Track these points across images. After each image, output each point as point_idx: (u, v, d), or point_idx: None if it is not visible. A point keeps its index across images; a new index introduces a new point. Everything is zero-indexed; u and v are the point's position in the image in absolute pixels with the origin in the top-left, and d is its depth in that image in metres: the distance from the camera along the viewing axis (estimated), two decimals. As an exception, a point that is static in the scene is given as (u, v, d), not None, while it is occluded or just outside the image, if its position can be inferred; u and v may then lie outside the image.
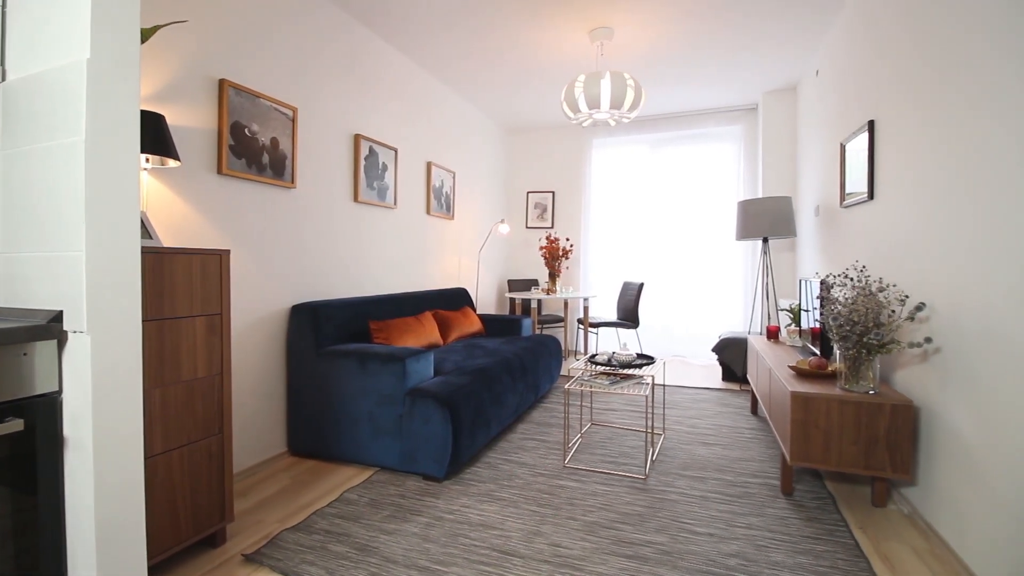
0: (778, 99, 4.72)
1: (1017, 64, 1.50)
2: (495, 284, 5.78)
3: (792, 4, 3.10)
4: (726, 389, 4.12)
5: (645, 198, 5.57)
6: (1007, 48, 1.55)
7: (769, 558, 1.75)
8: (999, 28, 1.59)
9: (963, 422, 1.75)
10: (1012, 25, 1.52)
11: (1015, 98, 1.51)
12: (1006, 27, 1.55)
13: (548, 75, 4.25)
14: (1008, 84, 1.54)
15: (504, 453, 2.70)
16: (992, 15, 1.63)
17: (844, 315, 2.10)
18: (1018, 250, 1.48)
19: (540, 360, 3.50)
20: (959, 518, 1.75)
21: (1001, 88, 1.58)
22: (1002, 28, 1.58)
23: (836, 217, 3.29)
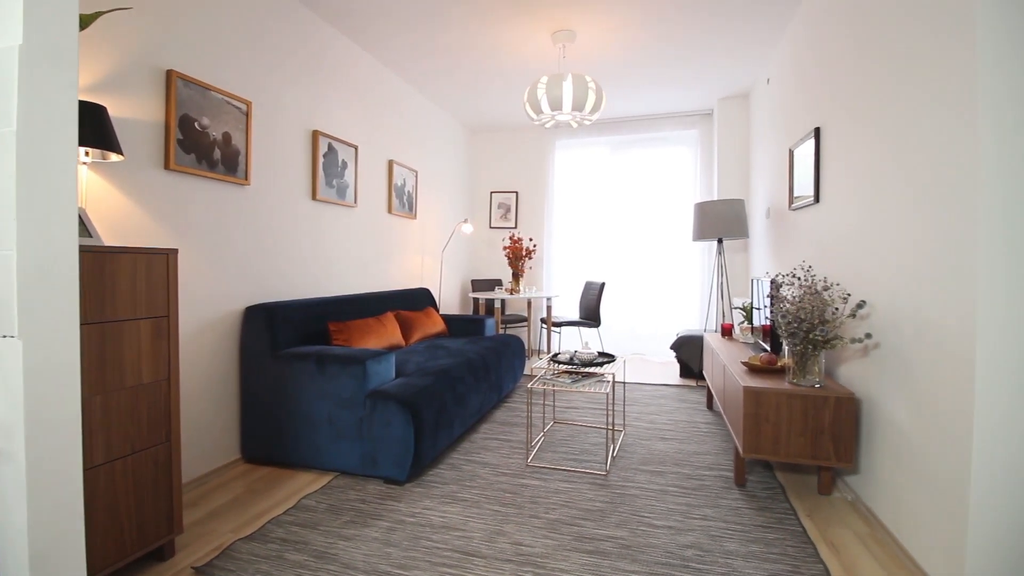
0: (732, 105, 4.90)
1: (947, 79, 1.61)
2: (458, 284, 5.76)
3: (745, 15, 3.23)
4: (683, 385, 4.25)
5: (606, 199, 5.67)
6: (941, 64, 1.66)
7: (723, 548, 1.82)
8: (934, 45, 1.71)
9: (900, 412, 1.86)
10: (944, 42, 1.64)
11: (945, 111, 1.62)
12: (940, 44, 1.67)
13: (511, 75, 4.26)
14: (939, 98, 1.65)
15: (467, 454, 2.69)
16: (925, 33, 1.75)
17: (792, 313, 2.21)
18: (944, 254, 1.59)
19: (503, 360, 3.51)
20: (897, 503, 1.86)
21: (932, 101, 1.69)
22: (936, 45, 1.69)
23: (785, 219, 3.45)
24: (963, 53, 1.52)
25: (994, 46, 1.42)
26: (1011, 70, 1.40)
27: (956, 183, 1.55)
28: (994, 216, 1.42)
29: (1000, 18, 1.41)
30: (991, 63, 1.42)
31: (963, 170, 1.52)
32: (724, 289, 4.54)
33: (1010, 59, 1.40)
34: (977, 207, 1.45)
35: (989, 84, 1.42)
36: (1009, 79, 1.40)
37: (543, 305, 5.64)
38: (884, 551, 1.82)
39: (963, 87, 1.52)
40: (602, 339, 5.49)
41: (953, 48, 1.57)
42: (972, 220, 1.47)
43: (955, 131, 1.56)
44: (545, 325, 5.18)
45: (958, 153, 1.54)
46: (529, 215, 5.96)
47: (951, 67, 1.58)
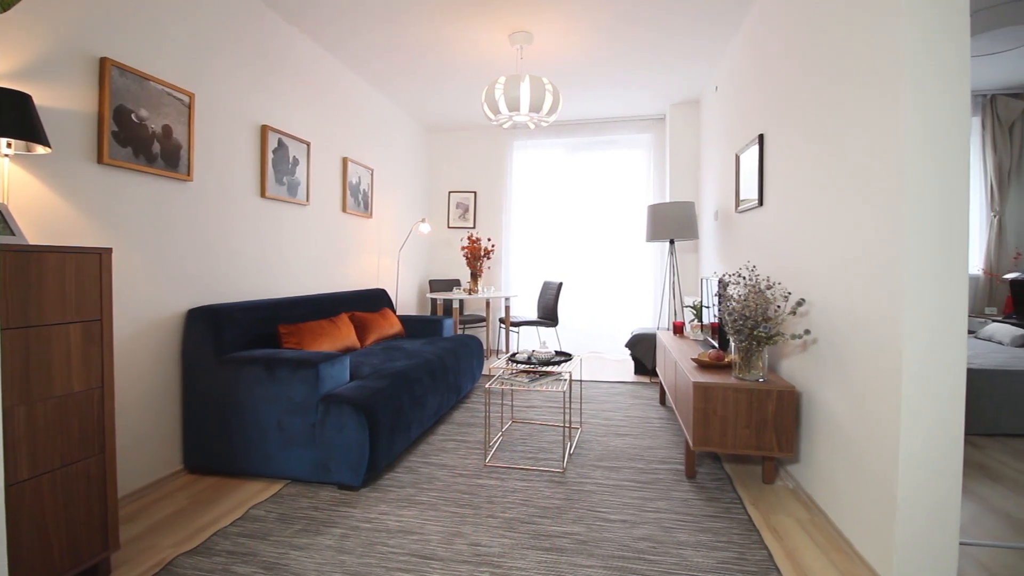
0: (683, 111, 5.07)
1: (875, 93, 1.73)
2: (416, 284, 5.69)
3: (695, 25, 3.35)
4: (638, 382, 4.36)
5: (564, 200, 5.75)
6: (870, 79, 1.78)
7: (675, 538, 1.88)
8: (864, 60, 1.82)
9: (836, 403, 1.98)
10: (873, 58, 1.75)
11: (873, 121, 1.74)
12: (869, 60, 1.79)
13: (469, 75, 4.25)
14: (868, 109, 1.77)
15: (424, 456, 2.66)
16: (857, 49, 1.86)
17: (738, 311, 2.31)
18: (873, 254, 1.71)
19: (462, 360, 3.49)
20: (833, 489, 1.98)
21: (862, 112, 1.81)
22: (866, 60, 1.81)
23: (732, 221, 3.60)
24: (890, 70, 1.63)
25: (919, 64, 1.53)
26: (933, 89, 1.52)
27: (884, 188, 1.66)
28: (917, 220, 1.54)
29: (924, 38, 1.53)
30: (916, 80, 1.53)
31: (890, 176, 1.63)
32: (676, 288, 4.70)
33: (932, 78, 1.52)
34: (903, 212, 1.56)
35: (913, 100, 1.54)
36: (931, 97, 1.52)
37: (501, 305, 5.65)
38: (823, 535, 1.93)
39: (890, 102, 1.63)
40: (560, 338, 5.56)
41: (881, 65, 1.69)
42: (899, 223, 1.58)
43: (882, 140, 1.67)
44: (504, 325, 5.20)
45: (886, 160, 1.66)
46: (488, 215, 5.96)
47: (879, 82, 1.70)
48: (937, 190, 1.52)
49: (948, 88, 1.51)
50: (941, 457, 1.53)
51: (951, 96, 1.51)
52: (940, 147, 1.52)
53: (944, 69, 1.51)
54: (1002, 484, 2.34)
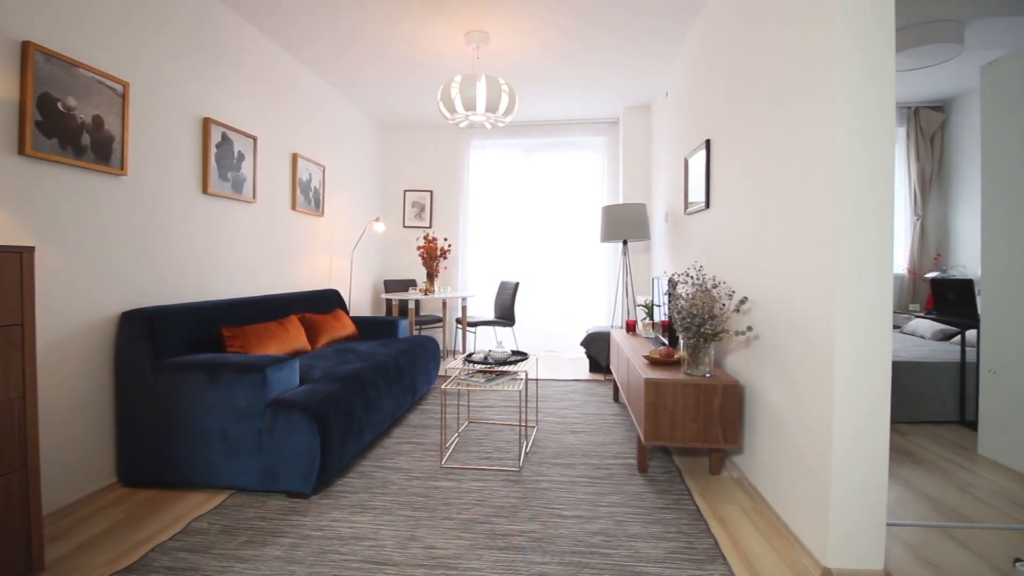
0: (636, 115, 5.20)
1: (809, 105, 1.83)
2: (370, 285, 5.57)
3: (648, 30, 3.44)
4: (592, 380, 4.44)
5: (520, 200, 5.79)
6: (805, 93, 1.88)
7: (627, 531, 1.93)
8: (801, 72, 1.93)
9: (776, 396, 2.09)
10: (808, 70, 1.86)
11: (809, 130, 1.84)
12: (805, 72, 1.89)
13: (425, 73, 4.20)
14: (804, 120, 1.88)
15: (379, 460, 2.61)
16: (794, 62, 1.97)
17: (686, 309, 2.39)
18: (810, 255, 1.81)
19: (417, 362, 3.45)
20: (774, 477, 2.09)
21: (799, 122, 1.92)
22: (803, 72, 1.91)
23: (681, 223, 3.72)
24: (824, 83, 1.74)
25: (849, 79, 1.63)
26: (862, 101, 1.63)
27: (819, 193, 1.77)
28: (847, 223, 1.64)
29: (854, 54, 1.63)
30: (846, 93, 1.64)
31: (824, 182, 1.73)
32: (629, 287, 4.81)
33: (861, 91, 1.62)
34: (835, 215, 1.66)
35: (843, 111, 1.64)
36: (860, 108, 1.63)
37: (458, 305, 5.63)
38: (765, 522, 2.03)
39: (824, 112, 1.74)
40: (516, 338, 5.59)
41: (817, 78, 1.79)
42: (832, 226, 1.68)
43: (818, 148, 1.78)
44: (460, 325, 5.18)
45: (820, 167, 1.76)
46: (444, 214, 5.91)
47: (815, 94, 1.80)
48: (865, 196, 1.63)
49: (875, 100, 1.62)
50: (870, 444, 1.65)
51: (878, 108, 1.62)
52: (868, 155, 1.63)
53: (871, 82, 1.62)
54: (924, 468, 2.53)
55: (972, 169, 4.52)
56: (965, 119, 4.64)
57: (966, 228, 4.60)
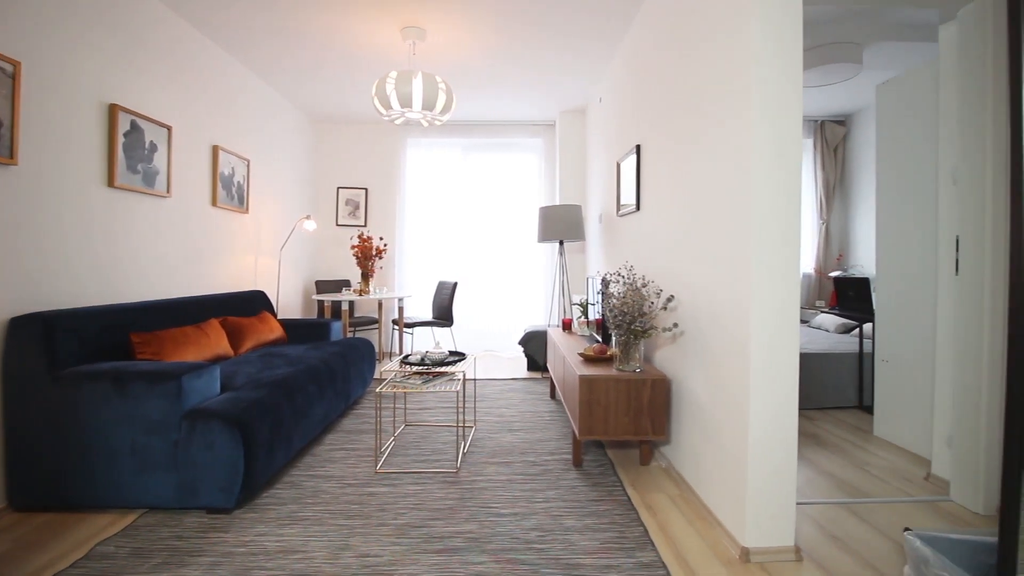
0: (572, 118, 5.32)
1: (727, 116, 1.95)
2: (301, 286, 5.33)
3: (583, 36, 3.53)
4: (530, 378, 4.50)
5: (459, 200, 5.76)
6: (727, 100, 2.00)
7: (563, 525, 1.97)
8: (722, 84, 2.05)
9: (699, 389, 2.21)
10: (728, 82, 1.98)
11: (728, 140, 1.96)
12: (726, 84, 2.01)
13: (360, 67, 4.08)
14: (722, 131, 2.00)
15: (310, 468, 2.51)
16: (715, 75, 2.09)
17: (617, 307, 2.48)
18: (728, 255, 1.93)
19: (351, 365, 3.34)
20: (698, 466, 2.21)
21: (718, 132, 2.04)
22: (723, 84, 2.03)
23: (614, 224, 3.85)
24: (742, 96, 1.86)
25: (763, 93, 1.76)
26: (774, 114, 1.75)
27: (736, 198, 1.89)
28: (760, 226, 1.76)
29: (767, 70, 1.75)
30: (761, 106, 1.76)
31: (741, 188, 1.85)
32: (565, 287, 4.92)
33: (774, 104, 1.75)
34: (750, 220, 1.78)
35: (758, 122, 1.76)
36: (772, 121, 1.75)
37: (395, 306, 5.50)
38: (690, 508, 2.14)
39: (742, 123, 1.86)
40: (455, 338, 5.55)
41: (736, 90, 1.91)
42: (748, 229, 1.80)
43: (736, 156, 1.90)
44: (397, 326, 5.07)
45: (738, 173, 1.88)
46: (380, 213, 5.76)
47: (734, 105, 1.92)
48: (776, 202, 1.76)
49: (785, 114, 1.75)
50: (781, 430, 1.78)
51: (788, 121, 1.75)
52: (779, 164, 1.76)
53: (782, 98, 1.75)
54: (828, 449, 2.77)
55: (869, 178, 5.00)
56: (863, 133, 5.14)
57: (864, 231, 5.09)
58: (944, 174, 2.31)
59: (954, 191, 2.22)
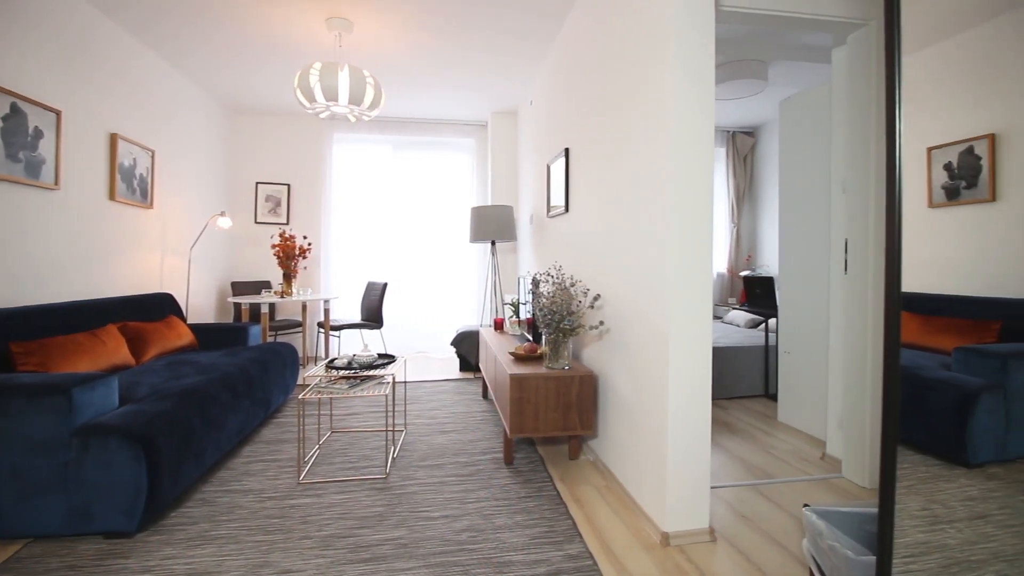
0: (504, 120, 5.36)
1: (648, 123, 2.05)
2: (215, 288, 4.97)
3: (515, 39, 3.56)
4: (462, 379, 4.49)
5: (389, 198, 5.61)
6: (646, 109, 2.10)
7: (494, 524, 1.98)
8: (642, 93, 2.14)
9: (623, 383, 2.31)
10: (648, 92, 2.07)
11: (648, 146, 2.06)
12: (645, 94, 2.11)
13: (282, 55, 3.86)
14: (643, 135, 2.09)
15: (225, 483, 2.34)
16: (636, 84, 2.19)
17: (547, 306, 2.53)
18: (649, 255, 2.03)
19: (271, 371, 3.16)
20: (623, 458, 2.30)
21: (640, 136, 2.13)
22: (643, 94, 2.13)
23: (544, 225, 3.93)
24: (660, 105, 1.96)
25: (679, 103, 1.86)
26: (689, 123, 1.86)
27: (656, 202, 1.99)
28: (676, 228, 1.87)
29: (683, 83, 1.86)
30: (677, 116, 1.86)
31: (660, 192, 1.95)
32: (497, 287, 4.95)
33: (689, 114, 1.86)
34: (667, 223, 1.88)
35: (675, 138, 1.86)
36: (686, 129, 1.86)
37: (320, 308, 5.27)
38: (615, 498, 2.23)
39: (660, 132, 1.96)
40: (385, 340, 5.41)
41: (655, 100, 2.01)
42: (665, 231, 1.90)
43: (655, 162, 2.00)
44: (323, 329, 4.86)
45: (657, 179, 1.98)
46: (304, 210, 5.49)
47: (654, 114, 2.02)
48: (691, 206, 1.87)
49: (699, 125, 1.87)
50: (695, 419, 1.90)
51: (701, 131, 1.87)
52: (693, 172, 1.87)
53: (696, 109, 1.86)
54: (739, 436, 2.99)
55: (774, 185, 5.45)
56: (769, 144, 5.59)
57: (770, 234, 5.54)
58: (836, 183, 2.57)
59: (844, 199, 2.47)
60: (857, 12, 2.23)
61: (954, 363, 2.38)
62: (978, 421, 2.22)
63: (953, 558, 1.75)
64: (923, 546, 1.81)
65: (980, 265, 2.38)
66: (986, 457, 2.26)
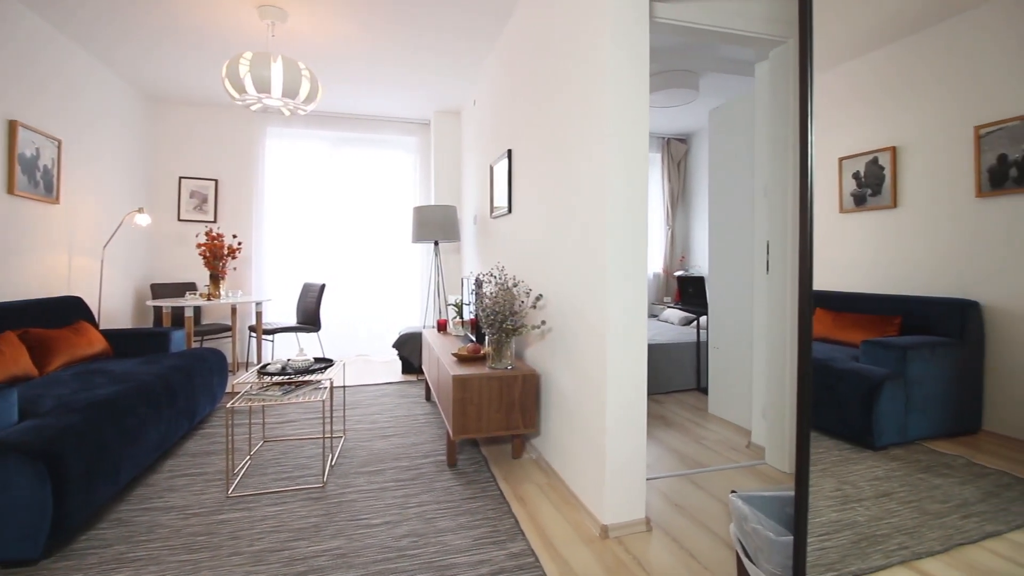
0: (447, 119, 5.32)
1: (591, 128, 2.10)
2: (132, 290, 4.60)
3: (456, 38, 3.53)
4: (405, 381, 4.41)
5: (327, 197, 5.41)
6: (587, 114, 2.15)
7: (436, 527, 1.95)
8: (582, 99, 2.19)
9: (564, 381, 2.35)
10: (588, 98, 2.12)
11: (589, 150, 2.11)
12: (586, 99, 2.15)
13: (209, 44, 3.63)
14: (586, 138, 2.14)
15: (144, 501, 2.17)
16: (577, 90, 2.23)
17: (490, 307, 2.53)
18: (589, 256, 2.08)
19: (196, 379, 2.96)
20: (565, 454, 2.34)
21: (583, 140, 2.18)
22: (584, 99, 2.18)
23: (488, 226, 3.93)
24: (599, 112, 2.01)
25: (616, 110, 1.92)
26: (625, 131, 1.92)
27: (596, 205, 2.04)
28: (614, 230, 1.93)
29: (620, 91, 1.92)
30: (615, 126, 1.92)
31: (599, 196, 2.01)
32: (441, 287, 4.91)
33: (626, 126, 1.92)
34: (605, 225, 1.94)
35: (612, 143, 1.92)
36: (623, 136, 1.92)
37: (252, 311, 5.00)
38: (557, 495, 2.27)
39: (600, 137, 2.01)
40: (323, 344, 5.22)
41: (594, 106, 2.06)
42: (603, 234, 1.96)
43: (596, 166, 2.05)
44: (255, 333, 4.62)
45: (597, 182, 2.03)
46: (233, 208, 5.19)
47: (595, 119, 2.07)
48: (627, 209, 1.94)
49: (635, 131, 1.93)
50: (632, 414, 1.96)
51: (637, 138, 1.94)
52: (629, 176, 1.94)
53: (632, 116, 1.93)
54: (673, 428, 3.12)
55: (705, 190, 5.74)
56: (700, 150, 5.88)
57: (702, 236, 5.83)
58: (759, 189, 2.74)
59: (765, 203, 2.65)
60: (778, 30, 2.39)
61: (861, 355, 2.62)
62: (882, 407, 2.45)
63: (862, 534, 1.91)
64: (836, 524, 1.97)
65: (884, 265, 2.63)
66: (889, 440, 2.50)
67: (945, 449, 2.40)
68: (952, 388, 2.46)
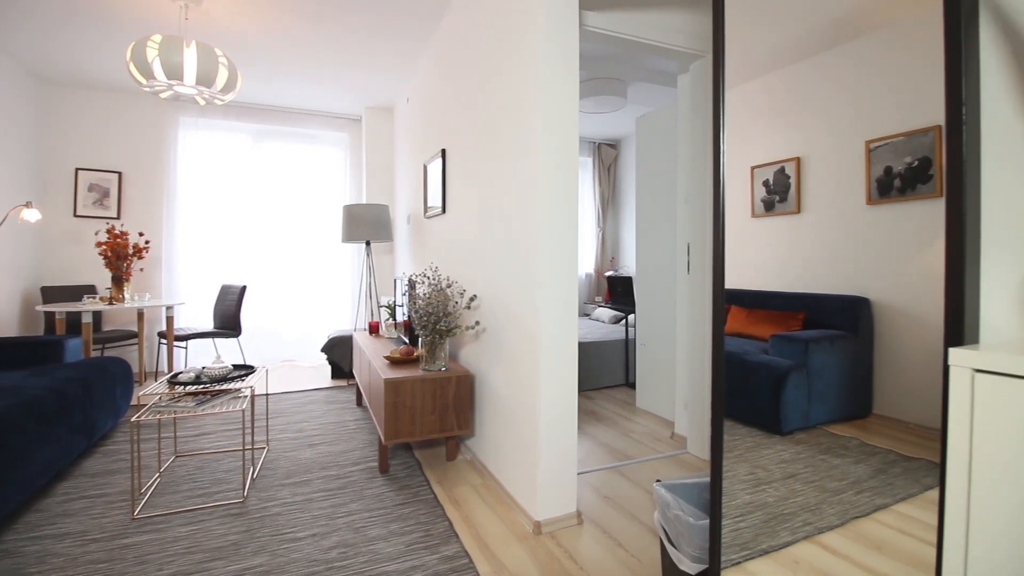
0: (379, 116, 5.18)
1: (523, 131, 2.12)
2: (18, 294, 4.10)
3: (387, 34, 3.45)
4: (334, 387, 4.24)
5: (249, 193, 5.09)
6: (520, 118, 2.17)
7: (367, 536, 1.90)
8: (515, 103, 2.21)
9: (498, 381, 2.36)
10: (521, 102, 2.14)
11: (523, 153, 2.13)
12: (519, 103, 2.18)
13: (113, 21, 3.30)
14: (518, 141, 2.16)
15: (33, 528, 1.94)
16: (511, 94, 2.25)
17: (423, 308, 2.50)
18: (520, 257, 2.11)
19: (96, 391, 2.69)
20: (499, 454, 2.35)
21: (515, 144, 2.20)
22: (517, 103, 2.20)
23: (422, 226, 3.88)
24: (532, 116, 2.03)
25: (547, 115, 1.95)
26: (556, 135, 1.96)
27: (528, 207, 2.07)
28: (545, 233, 1.96)
29: (551, 96, 1.95)
30: (546, 131, 1.95)
31: (531, 198, 2.03)
32: (373, 289, 4.77)
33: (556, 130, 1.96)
34: (537, 227, 1.97)
35: (543, 147, 1.95)
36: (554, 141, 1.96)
37: (162, 316, 4.61)
38: (492, 495, 2.27)
39: (528, 144, 2.04)
40: (244, 350, 4.91)
41: (527, 110, 2.09)
42: (534, 235, 1.99)
43: (529, 168, 2.07)
44: (165, 340, 4.26)
45: (530, 185, 2.06)
46: (140, 203, 4.76)
47: (527, 123, 2.09)
48: (557, 211, 1.98)
49: (565, 136, 1.98)
50: (564, 411, 2.01)
51: (566, 142, 1.98)
52: (559, 180, 1.98)
53: (562, 121, 1.97)
54: (604, 423, 3.23)
55: (633, 194, 5.99)
56: (629, 155, 6.12)
57: (630, 237, 6.08)
58: (681, 194, 2.90)
59: (686, 207, 2.80)
60: (698, 44, 2.54)
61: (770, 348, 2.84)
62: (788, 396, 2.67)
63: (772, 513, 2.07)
64: (749, 506, 2.12)
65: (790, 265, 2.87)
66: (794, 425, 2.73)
67: (842, 432, 2.64)
68: (848, 376, 2.72)
